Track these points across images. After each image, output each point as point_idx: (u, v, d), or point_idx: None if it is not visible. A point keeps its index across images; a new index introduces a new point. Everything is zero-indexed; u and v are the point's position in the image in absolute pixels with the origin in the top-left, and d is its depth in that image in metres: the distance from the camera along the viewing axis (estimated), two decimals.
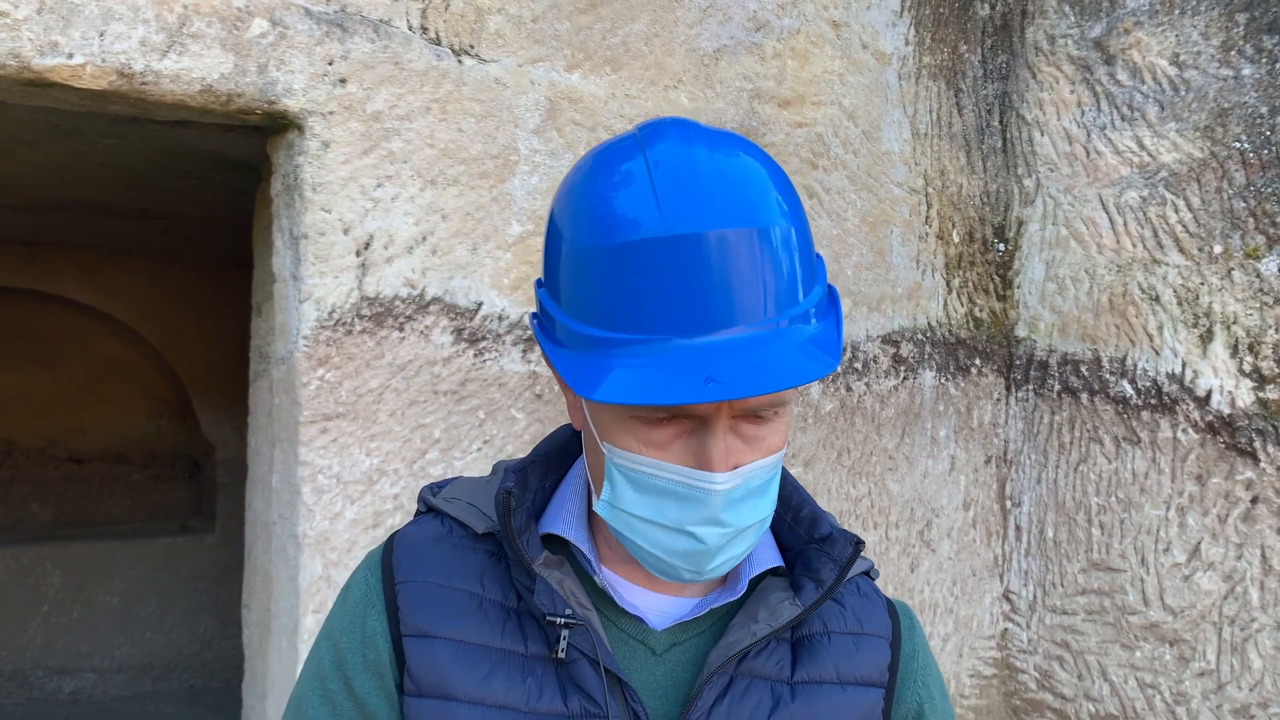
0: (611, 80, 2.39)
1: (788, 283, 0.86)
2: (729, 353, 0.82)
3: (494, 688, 0.92)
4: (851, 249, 2.76)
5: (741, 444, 0.89)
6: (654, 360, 0.84)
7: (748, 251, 0.84)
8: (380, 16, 2.12)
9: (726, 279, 0.83)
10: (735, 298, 0.83)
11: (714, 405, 0.85)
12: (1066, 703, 2.83)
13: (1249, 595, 2.48)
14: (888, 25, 2.86)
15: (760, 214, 0.85)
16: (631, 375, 0.84)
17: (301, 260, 2.05)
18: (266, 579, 2.32)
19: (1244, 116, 2.55)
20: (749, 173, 0.88)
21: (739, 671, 0.96)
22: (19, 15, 1.79)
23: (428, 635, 0.94)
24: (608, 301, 0.86)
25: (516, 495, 0.96)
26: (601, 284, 0.86)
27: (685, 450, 0.88)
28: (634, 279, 0.84)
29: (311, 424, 2.05)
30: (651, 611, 0.99)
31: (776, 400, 0.88)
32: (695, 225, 0.83)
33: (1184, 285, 2.63)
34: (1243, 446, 2.50)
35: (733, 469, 0.88)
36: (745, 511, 0.90)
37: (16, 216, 4.45)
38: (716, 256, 0.83)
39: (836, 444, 2.73)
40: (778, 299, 0.85)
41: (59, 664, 5.79)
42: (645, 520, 0.90)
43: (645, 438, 0.88)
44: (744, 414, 0.88)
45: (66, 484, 6.37)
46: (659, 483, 0.89)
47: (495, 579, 0.97)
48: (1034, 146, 2.98)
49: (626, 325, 0.85)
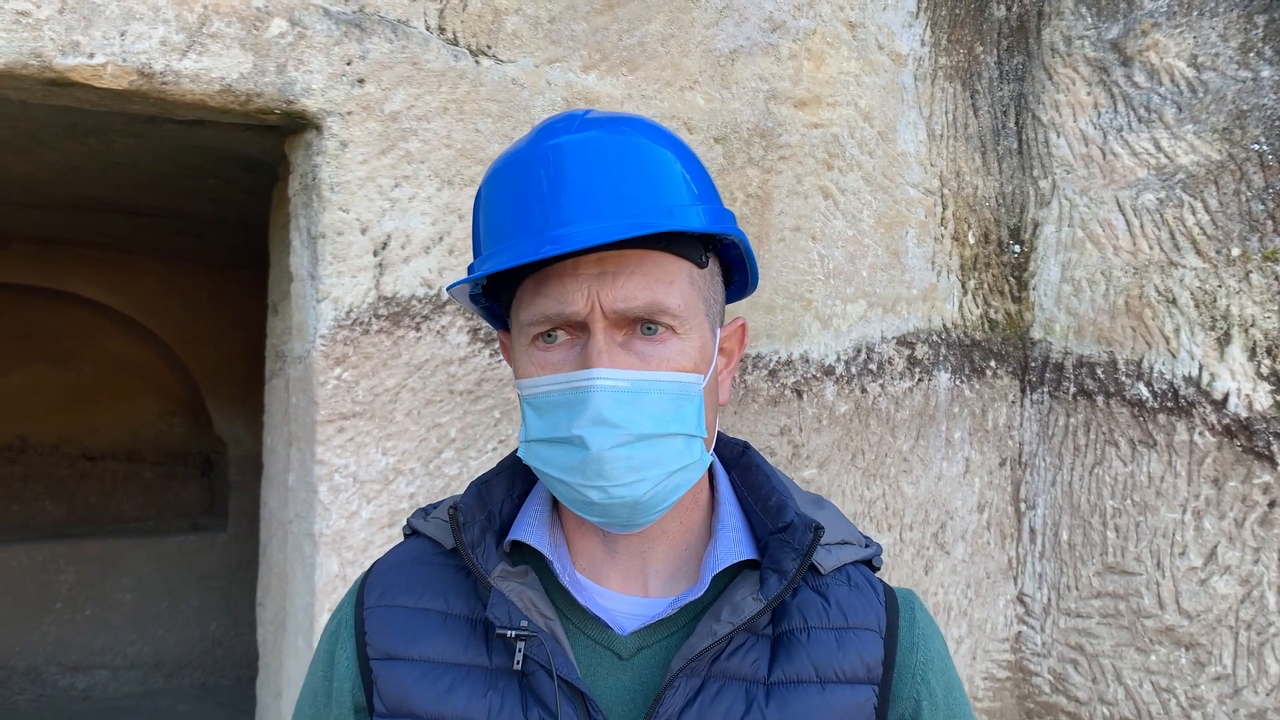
0: (628, 81, 2.39)
1: (648, 185, 0.92)
2: (575, 227, 0.89)
3: (455, 702, 0.92)
4: (867, 250, 2.76)
5: (635, 359, 0.91)
6: (512, 246, 0.91)
7: (600, 156, 0.91)
8: (398, 17, 2.12)
9: (574, 178, 0.91)
10: (583, 193, 0.90)
11: (588, 308, 0.89)
12: (1081, 706, 2.82)
13: (1266, 599, 2.47)
14: (904, 26, 2.85)
15: (615, 132, 0.94)
16: (488, 258, 0.93)
17: (319, 260, 2.06)
18: (282, 577, 2.33)
19: (1263, 118, 2.54)
20: (627, 118, 0.97)
21: (712, 673, 0.93)
22: (41, 15, 1.80)
23: (394, 657, 0.96)
24: (485, 225, 0.97)
25: (466, 510, 0.99)
26: (484, 212, 0.97)
27: (575, 362, 0.91)
28: (501, 196, 0.94)
29: (328, 423, 2.05)
30: (620, 614, 0.97)
31: (652, 306, 0.90)
32: (555, 138, 0.93)
33: (1201, 288, 2.62)
34: (1260, 450, 2.49)
35: (620, 369, 0.90)
36: (638, 416, 0.89)
37: (32, 215, 4.47)
38: (565, 160, 0.91)
39: (851, 446, 2.73)
40: (634, 201, 0.91)
41: (72, 661, 5.82)
42: (545, 440, 0.93)
43: (541, 361, 0.93)
44: (628, 326, 0.91)
45: (79, 481, 6.40)
46: (551, 397, 0.92)
47: (461, 594, 0.98)
48: (1050, 148, 2.97)
49: (500, 236, 0.93)
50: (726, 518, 1.01)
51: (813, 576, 1.00)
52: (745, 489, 1.04)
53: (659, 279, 0.91)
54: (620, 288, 0.89)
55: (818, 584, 0.99)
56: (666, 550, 0.99)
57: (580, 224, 0.89)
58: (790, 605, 0.97)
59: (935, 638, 1.02)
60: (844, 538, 1.03)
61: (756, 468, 1.05)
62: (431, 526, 1.04)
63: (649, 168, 0.92)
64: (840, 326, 2.71)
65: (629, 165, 0.91)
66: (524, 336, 0.94)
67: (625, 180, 0.91)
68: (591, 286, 0.89)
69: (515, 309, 0.96)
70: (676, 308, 0.91)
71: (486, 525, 1.00)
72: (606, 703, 0.93)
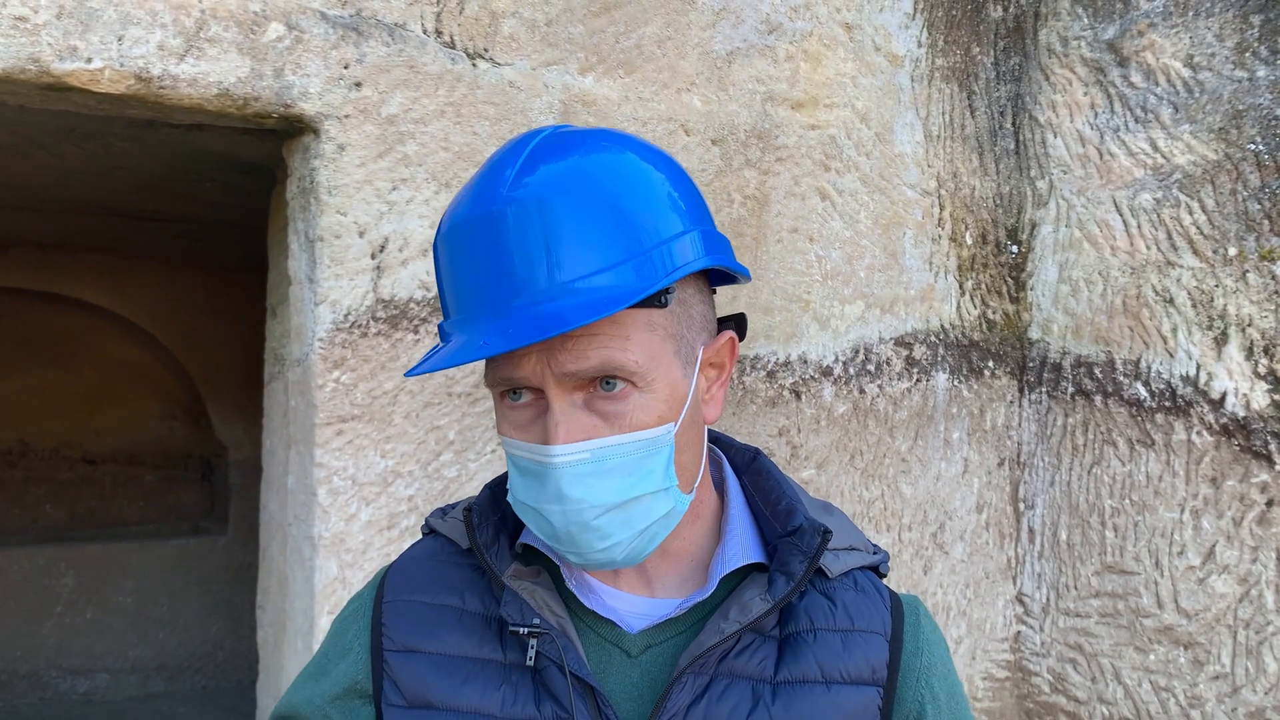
0: (625, 83, 2.40)
1: (608, 246, 0.87)
2: (527, 310, 0.86)
3: (469, 695, 0.95)
4: (864, 251, 2.76)
5: (597, 420, 0.89)
6: (474, 330, 0.88)
7: (554, 218, 0.86)
8: (395, 20, 2.13)
9: (507, 251, 0.87)
10: (520, 266, 0.86)
11: (539, 376, 0.88)
12: (1080, 706, 2.82)
13: (1264, 598, 2.47)
14: (900, 27, 2.86)
15: (578, 182, 0.88)
16: (447, 350, 0.90)
17: (317, 263, 2.06)
18: (281, 580, 2.33)
19: (1259, 118, 2.54)
20: (592, 142, 0.92)
21: (719, 671, 0.94)
22: (38, 20, 1.80)
23: (411, 650, 0.99)
24: (447, 286, 0.93)
25: (479, 511, 1.01)
26: (443, 271, 0.94)
27: (539, 429, 0.90)
28: (450, 264, 0.92)
29: (327, 426, 2.06)
30: (629, 614, 0.99)
31: (606, 365, 0.87)
32: (488, 206, 0.88)
33: (1198, 287, 2.62)
34: (1258, 449, 2.49)
35: (578, 442, 0.88)
36: (601, 489, 0.88)
37: (31, 219, 4.48)
38: (500, 231, 0.87)
39: (849, 446, 2.73)
40: (591, 262, 0.86)
41: (72, 664, 5.82)
42: (522, 502, 0.93)
43: (512, 419, 0.92)
44: (586, 386, 0.89)
45: (80, 485, 6.40)
46: (521, 461, 0.92)
47: (476, 592, 1.01)
48: (1047, 149, 2.97)
49: (460, 307, 0.91)
50: (735, 522, 1.02)
51: (820, 580, 1.01)
52: (756, 494, 1.05)
53: (612, 336, 0.87)
54: (568, 352, 0.87)
55: (825, 588, 1.01)
56: (672, 562, 1.01)
57: (539, 303, 0.85)
58: (797, 607, 0.99)
59: (939, 643, 1.04)
60: (851, 544, 1.05)
61: (767, 473, 1.06)
62: (448, 526, 1.07)
63: (611, 210, 0.87)
64: (838, 327, 2.71)
65: (587, 214, 0.87)
66: (494, 391, 0.94)
67: (583, 236, 0.86)
68: (540, 354, 0.87)
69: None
70: (633, 364, 0.88)
71: (500, 526, 1.02)
72: (615, 698, 0.95)
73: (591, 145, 0.92)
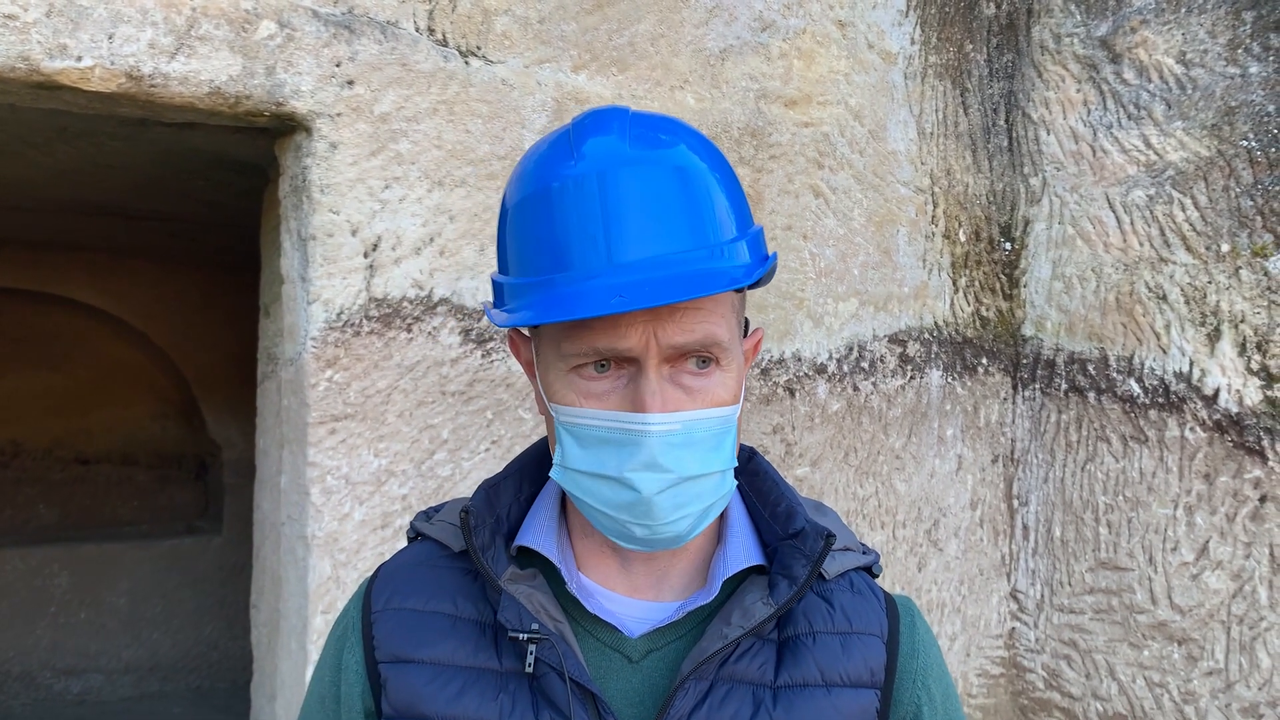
0: (618, 81, 2.39)
1: (697, 217, 0.89)
2: (638, 272, 0.87)
3: (465, 705, 0.93)
4: (858, 248, 2.76)
5: (682, 394, 0.90)
6: (570, 289, 0.88)
7: (651, 186, 0.88)
8: (387, 18, 2.12)
9: (629, 210, 0.87)
10: (638, 227, 0.87)
11: (643, 345, 0.88)
12: (1074, 702, 2.83)
13: (1257, 594, 2.48)
14: (893, 25, 2.86)
15: (666, 155, 0.91)
16: (547, 303, 0.89)
17: (310, 262, 2.06)
18: (275, 580, 2.33)
19: (1251, 115, 2.55)
20: (662, 123, 0.94)
21: (720, 676, 0.94)
22: (28, 18, 1.79)
23: (403, 660, 0.96)
24: (532, 246, 0.92)
25: (476, 513, 0.99)
26: (528, 231, 0.92)
27: (623, 398, 0.90)
28: (551, 219, 0.90)
29: (320, 425, 2.05)
30: (629, 618, 0.98)
31: (707, 340, 0.89)
32: (600, 166, 0.89)
33: (1191, 284, 2.63)
34: (1251, 445, 2.49)
35: (672, 412, 0.89)
36: (687, 460, 0.89)
37: (23, 218, 4.46)
38: (620, 190, 0.88)
39: (843, 443, 2.73)
40: (688, 230, 0.89)
41: (66, 665, 5.81)
42: (589, 474, 0.92)
43: (585, 390, 0.91)
44: (678, 359, 0.90)
45: (73, 485, 6.39)
46: (598, 432, 0.91)
47: (470, 597, 0.99)
48: (1040, 145, 2.98)
49: (549, 265, 0.90)
50: (735, 524, 1.02)
51: (818, 582, 1.01)
52: (753, 495, 1.05)
53: (711, 312, 0.90)
54: (677, 324, 0.88)
55: (822, 589, 1.01)
56: (682, 560, 1.01)
57: (637, 271, 0.86)
58: (796, 610, 0.99)
59: (933, 644, 1.05)
60: (846, 545, 1.05)
61: (764, 474, 1.06)
62: (436, 529, 1.04)
63: (702, 200, 0.90)
64: (832, 325, 2.71)
65: (681, 199, 0.89)
66: (562, 363, 0.92)
67: (678, 218, 0.88)
68: (648, 324, 0.88)
69: (550, 331, 0.94)
70: (727, 340, 0.91)
71: (495, 529, 1.00)
72: (616, 704, 0.94)
73: (678, 132, 0.95)
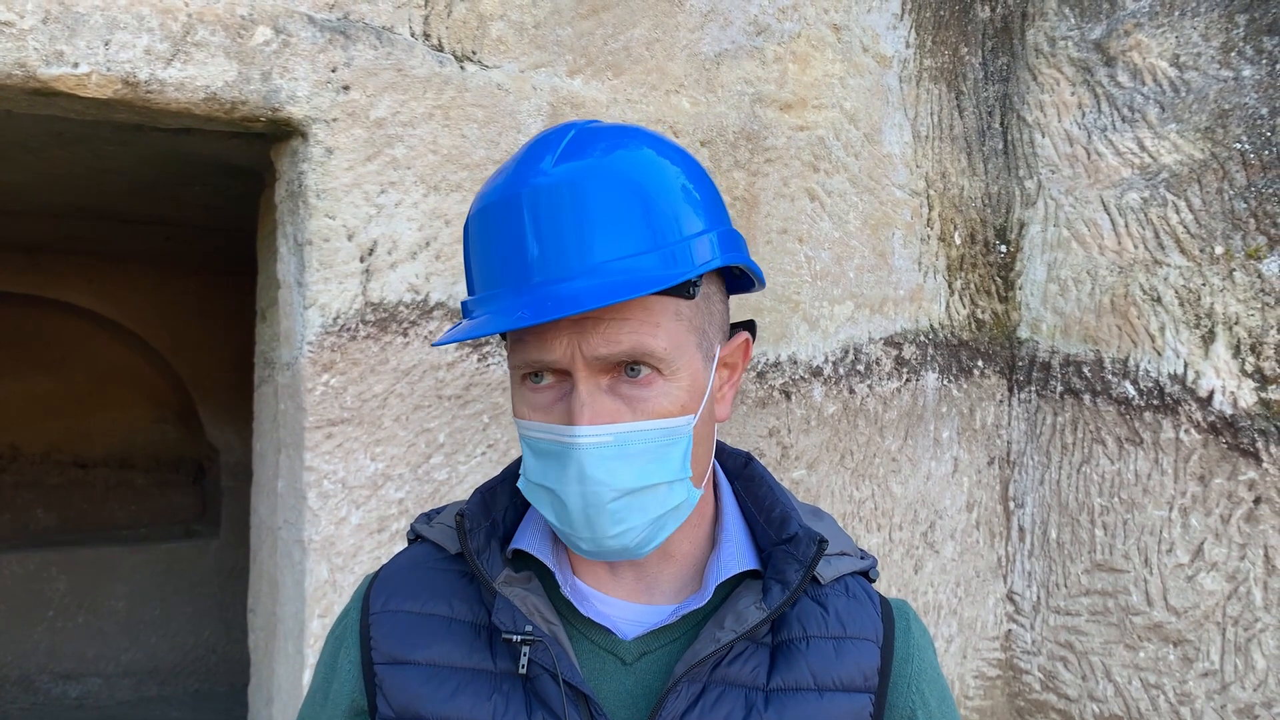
0: (613, 85, 2.40)
1: (634, 223, 0.88)
2: (564, 283, 0.87)
3: (460, 705, 0.94)
4: (853, 251, 2.77)
5: (621, 405, 0.90)
6: (503, 304, 0.89)
7: (580, 197, 0.88)
8: (383, 23, 2.13)
9: (560, 222, 0.88)
10: (570, 246, 0.87)
11: (568, 357, 0.88)
12: (1070, 704, 2.83)
13: (1252, 595, 2.48)
14: (888, 28, 2.86)
15: (601, 163, 0.90)
16: (475, 321, 0.90)
17: (306, 266, 2.06)
18: (272, 584, 2.33)
19: (1244, 118, 2.55)
20: (607, 132, 0.94)
21: (712, 679, 0.94)
22: (25, 25, 1.80)
23: (400, 661, 0.97)
24: (476, 265, 0.94)
25: (471, 516, 1.00)
26: (473, 249, 0.94)
27: (562, 409, 0.91)
28: (488, 236, 0.92)
29: (317, 429, 2.06)
30: (623, 621, 0.98)
31: (635, 350, 0.88)
32: (535, 180, 0.89)
33: (1185, 286, 2.63)
34: (1245, 447, 2.50)
35: (602, 424, 0.89)
36: (621, 472, 0.89)
37: (21, 222, 4.46)
38: (539, 207, 0.88)
39: (839, 446, 2.74)
40: (623, 246, 0.88)
41: (65, 669, 5.80)
42: (538, 485, 0.93)
43: (532, 401, 0.93)
44: (613, 369, 0.90)
45: (71, 489, 6.39)
46: (541, 444, 0.92)
47: (466, 599, 1.00)
48: (1035, 148, 2.98)
49: (492, 281, 0.91)
50: (730, 528, 1.02)
51: (812, 587, 1.01)
52: (748, 499, 1.05)
53: (643, 322, 0.89)
54: (600, 335, 0.88)
55: (817, 594, 1.01)
56: (670, 565, 1.01)
57: (564, 281, 0.86)
58: (790, 614, 0.99)
59: (928, 649, 1.05)
60: (842, 549, 1.05)
61: (760, 479, 1.06)
62: (435, 532, 1.05)
63: (640, 203, 0.89)
64: (828, 328, 2.72)
65: (618, 203, 0.88)
66: (515, 374, 0.94)
67: (613, 222, 0.88)
68: (571, 336, 0.88)
69: (508, 344, 0.96)
70: (661, 350, 0.89)
71: (491, 532, 1.01)
72: (609, 706, 0.95)
73: (623, 139, 0.94)
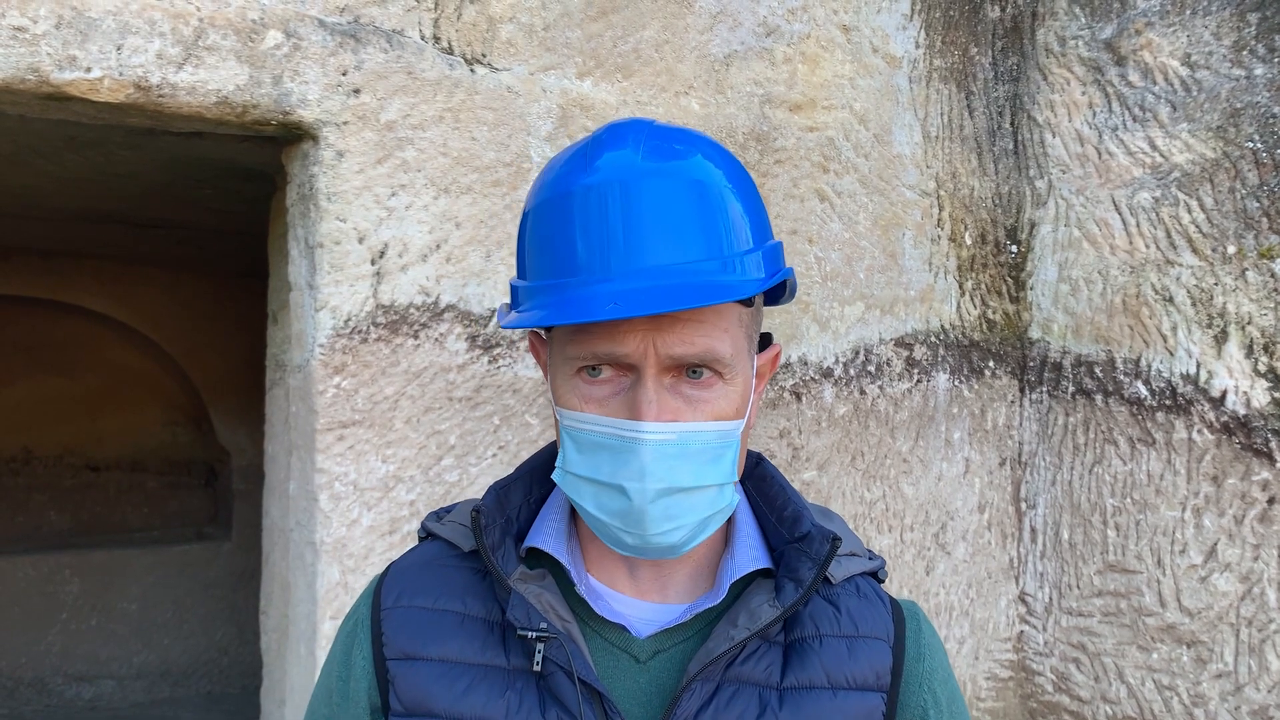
0: (623, 87, 2.40)
1: (708, 229, 0.90)
2: (645, 279, 0.87)
3: (473, 702, 0.94)
4: (864, 252, 2.77)
5: (682, 404, 0.91)
6: (576, 294, 0.89)
7: (664, 196, 0.89)
8: (393, 27, 2.13)
9: (639, 220, 0.88)
10: (647, 237, 0.88)
11: (642, 353, 0.89)
12: (1083, 705, 2.82)
13: (1266, 596, 2.47)
14: (898, 29, 2.86)
15: (681, 166, 0.91)
16: (554, 306, 0.90)
17: (317, 269, 2.07)
18: (284, 586, 2.34)
19: (1256, 116, 2.54)
20: (680, 135, 0.95)
21: (726, 678, 0.95)
22: (38, 30, 1.81)
23: (412, 657, 0.97)
24: (546, 251, 0.93)
25: (487, 513, 1.00)
26: (542, 236, 0.94)
27: (622, 404, 0.91)
28: (564, 226, 0.91)
29: (328, 431, 2.06)
30: (637, 619, 0.99)
31: (706, 354, 0.89)
32: (614, 176, 0.90)
33: (1198, 286, 2.62)
34: (1258, 447, 2.49)
35: (668, 422, 0.89)
36: (681, 471, 0.90)
37: (33, 227, 4.49)
38: (631, 200, 0.89)
39: (850, 447, 2.73)
40: (698, 242, 0.89)
41: (78, 671, 5.83)
42: (585, 479, 0.93)
43: (586, 394, 0.92)
44: (678, 370, 0.90)
45: (84, 492, 6.42)
46: (596, 437, 0.91)
47: (479, 596, 1.00)
48: (1046, 148, 2.98)
49: (560, 270, 0.91)
50: (743, 527, 1.03)
51: (824, 586, 1.02)
52: (760, 499, 1.06)
53: (714, 325, 0.90)
54: (677, 335, 0.89)
55: (829, 593, 1.02)
56: (685, 564, 1.02)
57: (644, 279, 0.87)
58: (803, 613, 0.99)
59: (939, 648, 1.05)
60: (852, 549, 1.06)
61: (771, 479, 1.07)
62: (447, 529, 1.06)
63: (715, 212, 0.90)
64: (838, 329, 2.72)
65: (695, 210, 0.89)
66: (568, 366, 0.94)
67: (690, 228, 0.89)
68: (647, 333, 0.89)
69: (560, 335, 0.95)
70: (728, 356, 0.91)
71: (505, 529, 1.01)
72: (624, 704, 0.95)
73: (698, 143, 0.96)
